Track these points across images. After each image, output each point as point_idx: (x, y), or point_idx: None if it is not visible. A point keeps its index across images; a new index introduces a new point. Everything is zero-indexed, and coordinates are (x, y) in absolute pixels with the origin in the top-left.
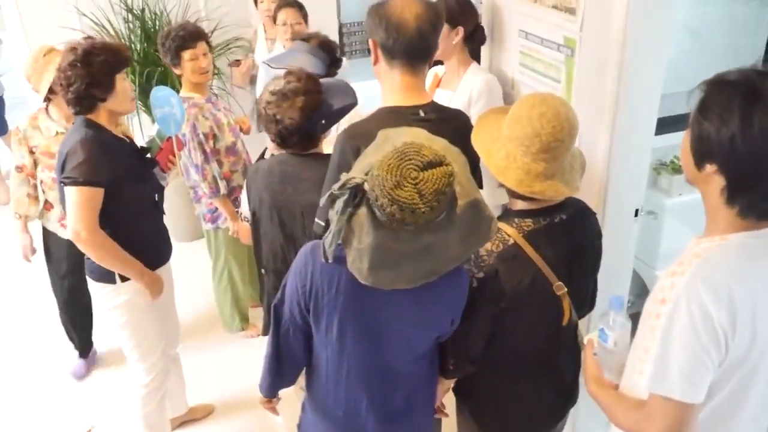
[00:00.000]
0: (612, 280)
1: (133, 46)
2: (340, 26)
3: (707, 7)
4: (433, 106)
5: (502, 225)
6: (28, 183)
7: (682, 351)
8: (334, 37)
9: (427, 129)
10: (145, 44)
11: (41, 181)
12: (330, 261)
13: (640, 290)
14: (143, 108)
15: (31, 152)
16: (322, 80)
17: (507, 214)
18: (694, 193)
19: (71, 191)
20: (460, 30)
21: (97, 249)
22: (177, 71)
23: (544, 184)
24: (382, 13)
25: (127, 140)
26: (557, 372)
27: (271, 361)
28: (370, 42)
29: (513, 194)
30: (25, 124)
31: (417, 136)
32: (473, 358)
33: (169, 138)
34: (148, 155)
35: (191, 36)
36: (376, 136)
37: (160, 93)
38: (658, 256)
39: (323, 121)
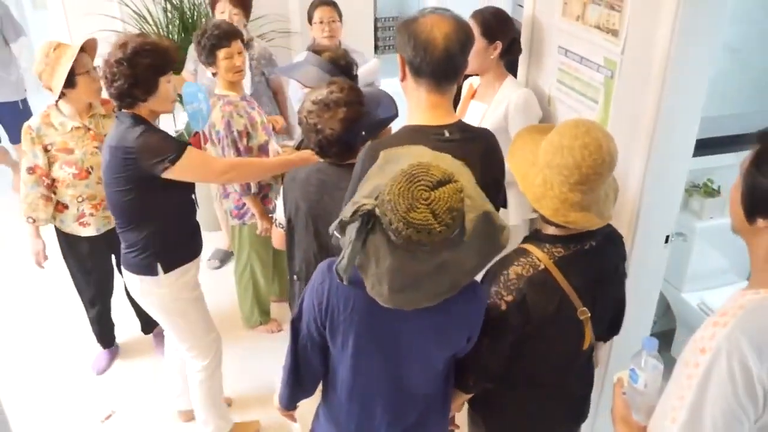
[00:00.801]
0: (639, 305)
1: (170, 36)
2: (375, 21)
3: (746, 25)
4: (459, 126)
5: (532, 249)
6: (41, 184)
7: (718, 404)
8: (370, 31)
9: (452, 149)
10: (183, 34)
11: (55, 180)
12: (346, 283)
13: (664, 311)
14: (178, 99)
15: (46, 150)
16: (364, 90)
17: (538, 238)
18: (725, 218)
19: (182, 164)
20: (498, 45)
21: (247, 172)
22: (212, 69)
23: (578, 215)
24: (411, 30)
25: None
26: (570, 389)
27: (290, 374)
28: (398, 57)
29: (545, 220)
30: (38, 122)
31: (421, 155)
32: (493, 376)
33: (197, 133)
34: None
35: (226, 35)
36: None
37: (188, 89)
38: (684, 279)
39: (363, 133)
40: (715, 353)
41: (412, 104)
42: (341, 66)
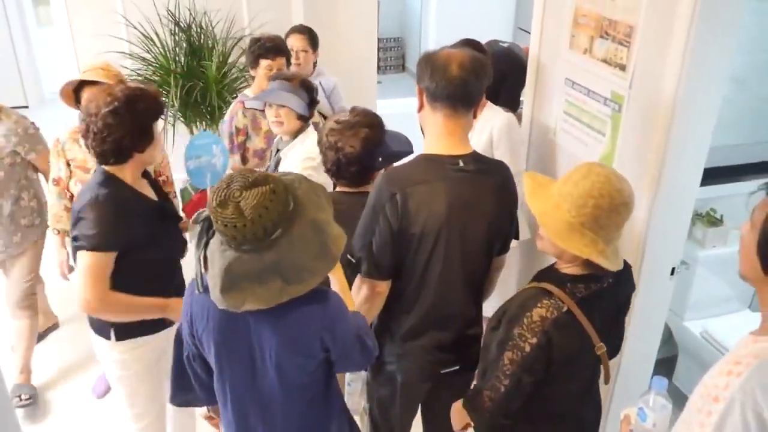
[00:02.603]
0: (643, 335)
1: (177, 58)
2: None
3: (750, 55)
4: (474, 157)
5: (554, 290)
6: (64, 196)
7: None
8: (373, 51)
9: (466, 180)
10: (189, 57)
11: (73, 196)
12: (201, 291)
13: (666, 338)
14: (182, 119)
15: (68, 164)
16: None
17: (558, 278)
18: (728, 247)
19: (81, 255)
20: None
21: (110, 313)
22: (252, 72)
23: (601, 258)
24: (429, 59)
25: (149, 198)
26: (581, 418)
27: (174, 380)
28: (416, 89)
29: (567, 259)
30: (65, 137)
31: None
32: (511, 415)
33: (203, 190)
34: (179, 212)
35: (275, 49)
36: (414, 181)
37: (200, 141)
38: (687, 306)
39: (380, 159)
40: (729, 403)
41: (429, 132)
42: (311, 90)
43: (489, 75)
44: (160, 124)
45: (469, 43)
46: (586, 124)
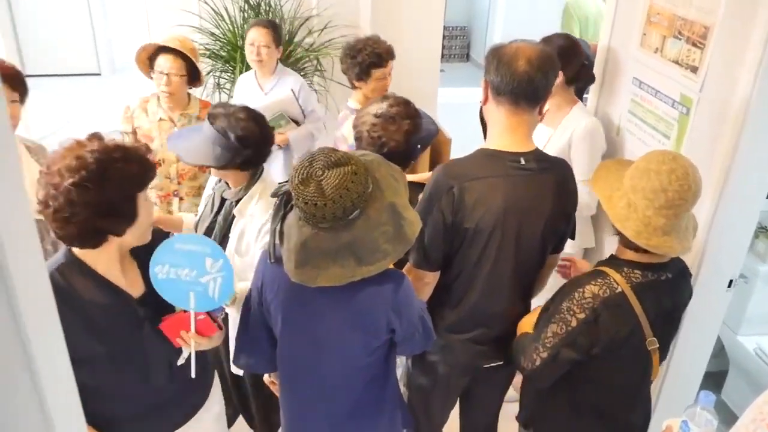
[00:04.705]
0: (694, 347)
1: (244, 35)
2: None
3: None
4: (536, 155)
5: (610, 271)
6: None
7: None
8: (438, 39)
9: (526, 179)
10: None
11: None
12: (272, 261)
13: (718, 351)
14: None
15: (134, 132)
16: None
17: (615, 262)
18: None
19: None
20: (560, 74)
21: None
22: (357, 84)
23: (661, 239)
24: (496, 53)
25: (126, 295)
26: (629, 421)
27: (238, 338)
28: (482, 82)
29: (626, 244)
30: (136, 104)
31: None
32: (540, 385)
33: (184, 310)
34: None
35: (387, 53)
36: (473, 176)
37: (186, 246)
38: (742, 321)
39: (419, 146)
40: None
41: (492, 127)
42: (243, 138)
43: (557, 69)
44: (150, 193)
45: (566, 38)
46: (651, 126)
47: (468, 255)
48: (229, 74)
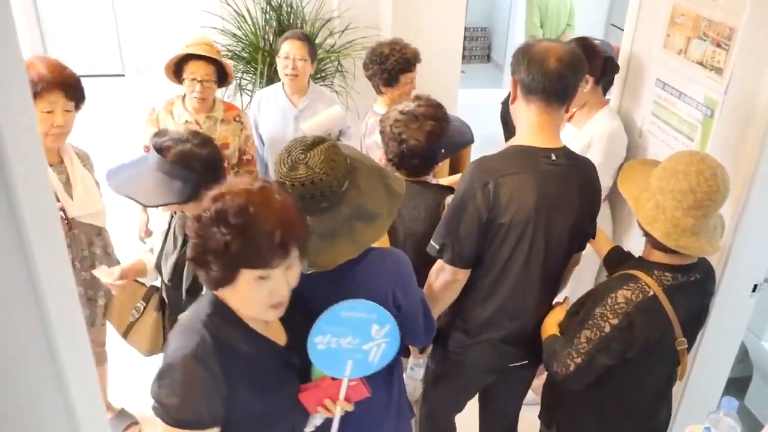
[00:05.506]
0: (717, 351)
1: (266, 36)
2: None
3: None
4: (566, 152)
5: (641, 274)
6: None
7: None
8: (459, 40)
9: (557, 174)
10: (278, 36)
11: None
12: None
13: (742, 356)
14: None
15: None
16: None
17: (645, 265)
18: None
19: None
20: (589, 79)
21: None
22: (384, 90)
23: (690, 240)
24: (526, 52)
25: (274, 344)
26: (654, 422)
27: None
28: (511, 80)
29: (655, 245)
30: (161, 107)
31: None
32: (571, 388)
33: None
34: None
35: (415, 57)
36: (506, 171)
37: (352, 313)
38: (767, 326)
39: (443, 150)
40: None
41: (521, 124)
42: (194, 169)
43: (585, 69)
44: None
45: (583, 42)
46: (674, 128)
47: (500, 252)
48: (251, 75)
